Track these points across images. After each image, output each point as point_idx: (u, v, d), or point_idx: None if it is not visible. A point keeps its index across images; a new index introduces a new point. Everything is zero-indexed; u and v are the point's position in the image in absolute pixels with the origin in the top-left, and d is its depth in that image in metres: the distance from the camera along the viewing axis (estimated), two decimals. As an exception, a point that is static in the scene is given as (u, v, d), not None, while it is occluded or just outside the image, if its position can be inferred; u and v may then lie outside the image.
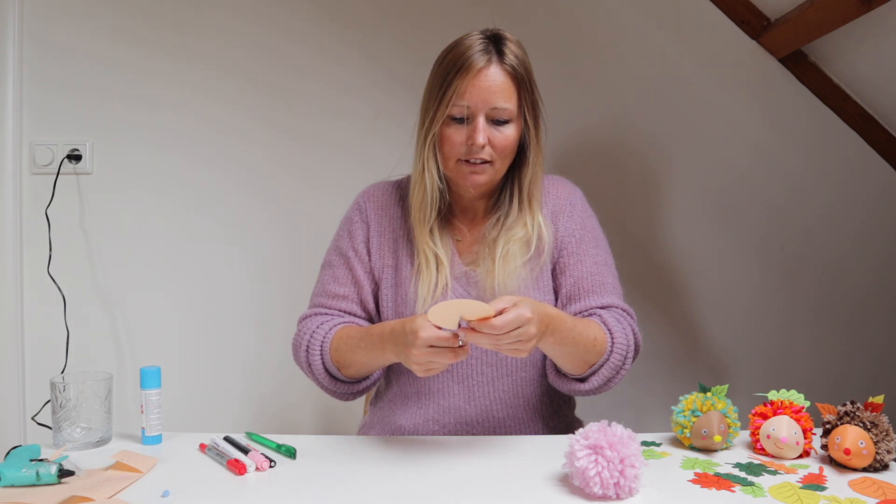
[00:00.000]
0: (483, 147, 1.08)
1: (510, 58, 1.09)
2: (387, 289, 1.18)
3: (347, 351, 1.10)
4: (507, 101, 1.08)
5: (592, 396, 1.12)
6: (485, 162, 1.10)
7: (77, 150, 1.83)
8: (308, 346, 1.13)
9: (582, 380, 1.09)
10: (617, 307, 1.14)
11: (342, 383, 1.14)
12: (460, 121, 1.09)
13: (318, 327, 1.14)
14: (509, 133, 1.10)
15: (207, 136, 1.86)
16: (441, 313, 0.89)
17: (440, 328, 0.91)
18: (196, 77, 1.85)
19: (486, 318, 0.88)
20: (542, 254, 1.15)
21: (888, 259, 1.97)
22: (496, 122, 1.09)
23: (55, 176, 1.82)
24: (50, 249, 1.81)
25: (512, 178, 1.17)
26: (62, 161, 1.82)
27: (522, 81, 1.10)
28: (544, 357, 1.17)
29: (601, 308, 1.13)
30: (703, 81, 1.91)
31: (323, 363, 1.12)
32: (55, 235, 1.82)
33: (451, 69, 1.08)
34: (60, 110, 1.84)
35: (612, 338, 1.08)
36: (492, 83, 1.07)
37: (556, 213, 1.19)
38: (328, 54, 1.87)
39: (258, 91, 1.86)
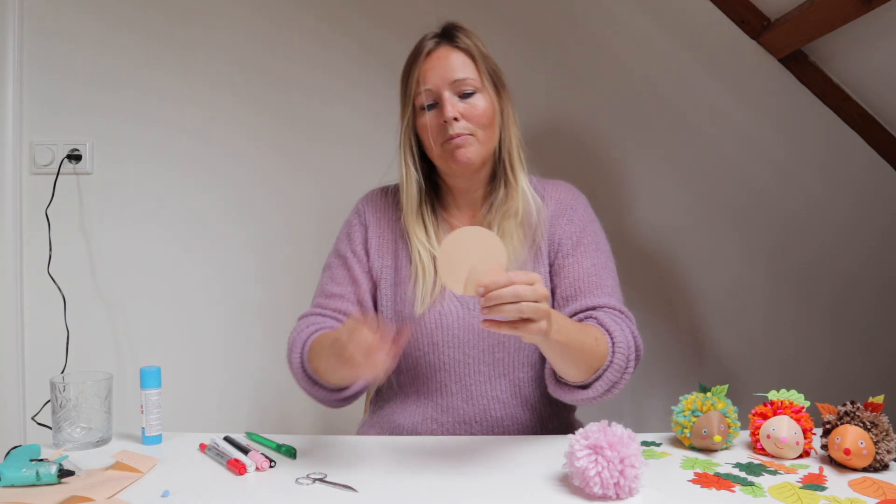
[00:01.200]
0: (456, 120, 1.11)
1: (462, 39, 1.15)
2: (386, 288, 1.19)
3: (317, 354, 1.07)
4: (465, 71, 1.13)
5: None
6: (465, 136, 1.12)
7: (77, 150, 1.83)
8: (292, 344, 1.12)
9: (585, 386, 1.04)
10: (614, 308, 1.10)
11: (320, 388, 1.09)
12: (431, 107, 1.13)
13: (306, 328, 1.13)
14: (479, 103, 1.13)
15: (208, 134, 1.86)
16: (450, 252, 0.88)
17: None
18: (196, 75, 1.85)
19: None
20: (533, 224, 1.16)
21: (885, 256, 1.97)
22: (463, 96, 1.13)
23: (55, 176, 1.82)
24: (50, 249, 1.81)
25: (499, 163, 1.19)
26: (62, 161, 1.82)
27: (477, 55, 1.15)
28: (542, 358, 1.17)
29: (596, 308, 1.10)
30: (703, 81, 1.91)
31: (302, 364, 1.10)
32: (55, 235, 1.82)
33: (408, 64, 1.17)
34: (60, 110, 1.84)
35: (612, 339, 1.04)
36: (446, 61, 1.13)
37: (556, 217, 1.19)
38: (329, 54, 1.87)
39: (259, 90, 1.86)
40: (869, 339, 1.98)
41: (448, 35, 1.16)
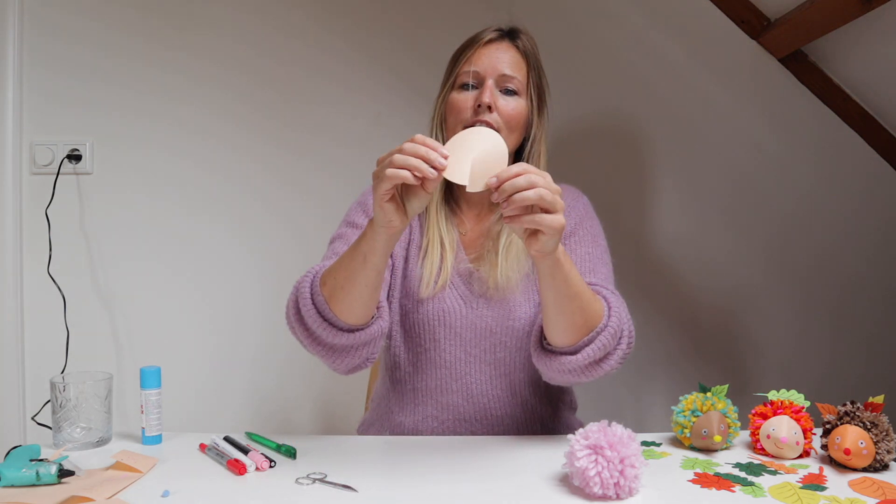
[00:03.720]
0: (490, 108, 1.10)
1: (523, 41, 1.16)
2: (398, 261, 1.18)
3: (334, 265, 0.99)
4: (516, 70, 1.14)
5: (592, 395, 1.08)
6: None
7: (77, 150, 1.83)
8: (300, 282, 1.01)
9: (574, 352, 0.98)
10: (607, 289, 1.06)
11: (331, 327, 0.98)
12: (469, 88, 1.13)
13: (316, 266, 1.05)
14: (517, 105, 1.13)
15: (208, 135, 1.86)
16: (452, 149, 0.86)
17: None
18: (196, 76, 1.85)
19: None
20: None
21: (885, 257, 1.97)
22: (505, 91, 1.13)
23: (55, 176, 1.82)
24: (50, 249, 1.81)
25: None
26: (62, 161, 1.82)
27: (532, 61, 1.16)
28: None
29: (590, 284, 1.05)
30: (703, 81, 1.91)
31: (311, 292, 0.98)
32: (55, 235, 1.82)
33: (463, 47, 1.16)
34: (60, 110, 1.84)
35: (609, 305, 1.00)
36: (503, 53, 1.14)
37: None
38: (329, 55, 1.87)
39: (258, 90, 1.86)
40: (869, 338, 1.99)
41: (511, 34, 1.17)
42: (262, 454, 0.94)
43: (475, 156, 0.85)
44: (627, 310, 1.06)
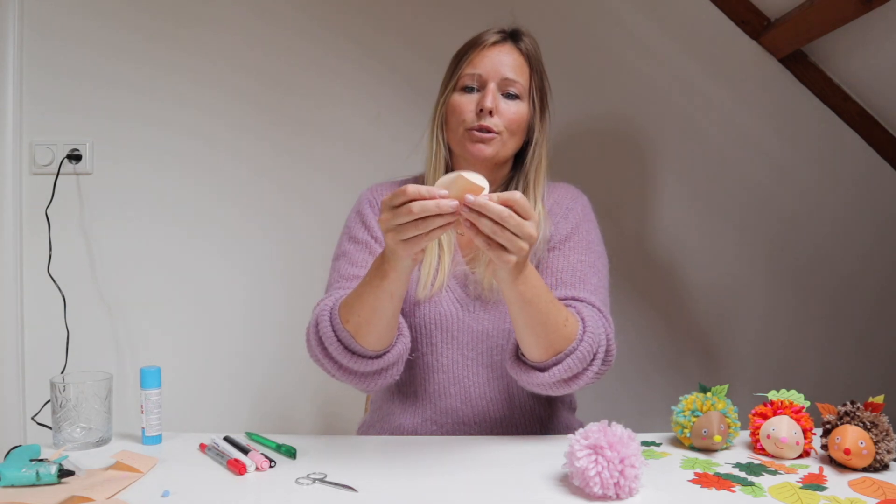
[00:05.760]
0: (491, 112, 1.10)
1: (525, 42, 1.16)
2: None
3: (353, 300, 0.99)
4: (518, 74, 1.14)
5: (592, 396, 1.08)
6: (492, 133, 1.11)
7: (77, 150, 1.83)
8: (318, 319, 1.02)
9: (543, 369, 0.99)
10: (594, 306, 1.05)
11: (360, 357, 1.01)
12: (471, 90, 1.13)
13: (329, 300, 1.05)
14: (518, 108, 1.13)
15: (208, 135, 1.86)
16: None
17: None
18: (197, 76, 1.85)
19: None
20: (538, 246, 1.13)
21: (887, 259, 1.97)
22: (507, 95, 1.13)
23: (55, 176, 1.82)
24: (50, 249, 1.81)
25: (517, 175, 1.18)
26: (62, 161, 1.82)
27: (534, 64, 1.16)
28: None
29: (576, 300, 1.05)
30: (703, 81, 1.91)
31: (333, 328, 1.00)
32: (55, 235, 1.82)
33: (466, 48, 1.16)
34: (60, 110, 1.84)
35: (584, 326, 0.99)
36: (505, 56, 1.14)
37: (552, 214, 1.18)
38: (329, 54, 1.87)
39: (259, 90, 1.86)
40: (868, 338, 1.99)
41: (514, 36, 1.17)
42: (262, 454, 0.94)
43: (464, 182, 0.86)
44: (610, 327, 1.05)
